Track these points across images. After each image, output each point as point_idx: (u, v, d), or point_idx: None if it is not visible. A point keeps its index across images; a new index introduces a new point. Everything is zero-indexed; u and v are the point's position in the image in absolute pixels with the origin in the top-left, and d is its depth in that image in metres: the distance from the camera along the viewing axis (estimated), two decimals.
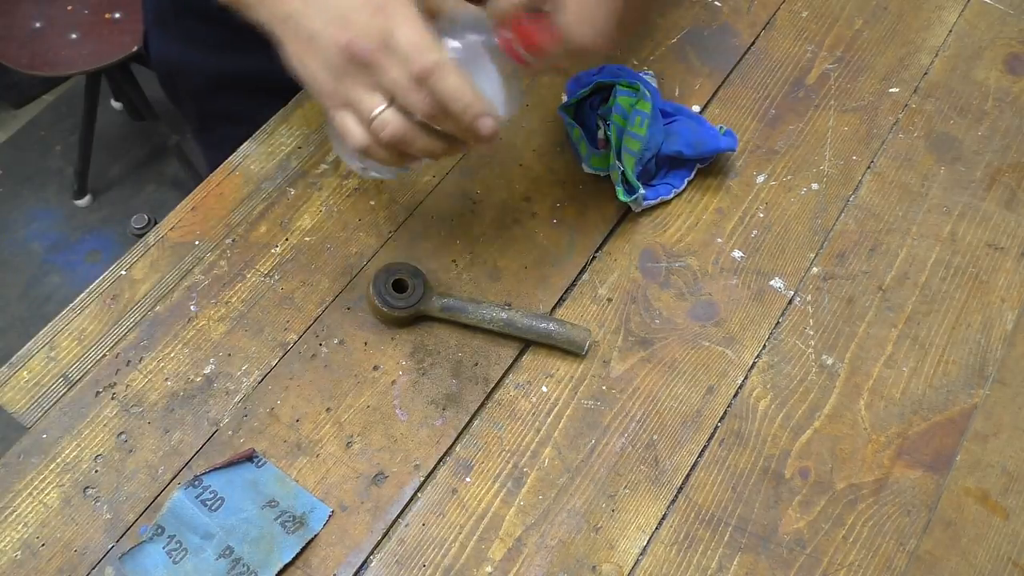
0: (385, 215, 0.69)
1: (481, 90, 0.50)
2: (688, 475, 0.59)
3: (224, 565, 0.55)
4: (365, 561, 0.56)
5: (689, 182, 0.70)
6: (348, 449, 0.59)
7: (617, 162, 0.66)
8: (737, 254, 0.67)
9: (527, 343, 0.63)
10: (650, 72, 0.75)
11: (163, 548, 0.56)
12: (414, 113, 0.50)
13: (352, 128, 0.52)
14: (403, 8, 0.50)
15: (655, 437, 0.60)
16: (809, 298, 0.65)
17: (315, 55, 0.51)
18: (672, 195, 0.69)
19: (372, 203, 0.70)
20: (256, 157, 0.72)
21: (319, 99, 0.53)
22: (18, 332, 1.67)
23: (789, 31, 0.80)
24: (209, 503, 0.57)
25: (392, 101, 0.50)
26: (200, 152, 0.99)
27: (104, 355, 0.63)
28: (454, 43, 0.53)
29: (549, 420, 0.61)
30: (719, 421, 0.61)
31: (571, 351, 0.62)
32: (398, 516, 0.57)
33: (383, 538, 0.57)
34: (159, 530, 0.56)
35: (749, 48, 0.79)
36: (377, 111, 0.50)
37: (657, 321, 0.64)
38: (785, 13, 0.81)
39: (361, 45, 0.49)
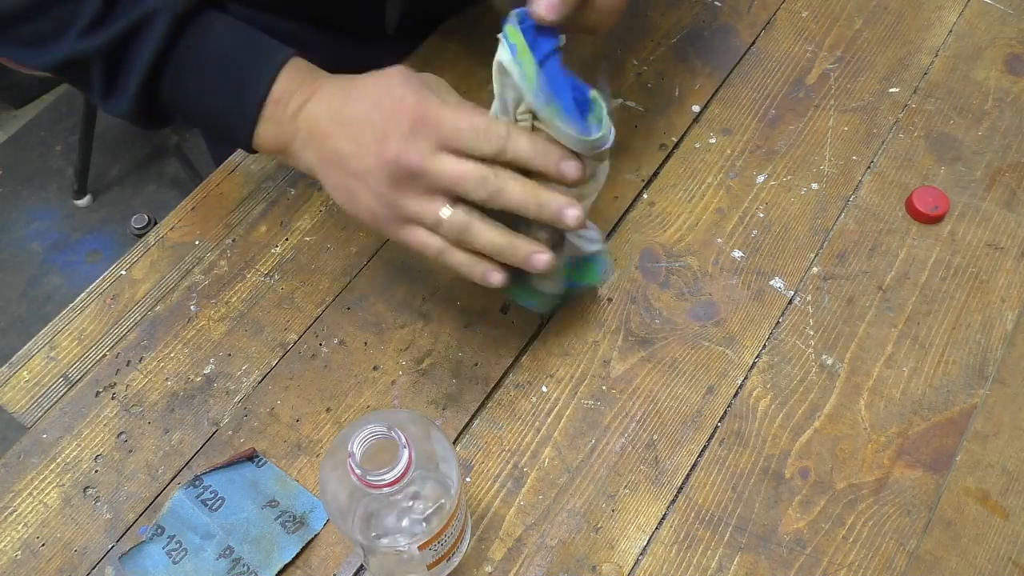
0: None
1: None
2: (688, 475, 0.59)
3: (224, 565, 0.55)
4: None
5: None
6: None
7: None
8: (737, 254, 0.67)
9: (529, 340, 0.63)
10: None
11: (163, 548, 0.56)
12: (482, 199, 0.50)
13: (425, 240, 0.52)
14: (440, 104, 0.50)
15: (655, 437, 0.60)
16: (809, 298, 0.65)
17: (365, 186, 0.51)
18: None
19: None
20: (256, 157, 0.72)
21: (381, 230, 0.54)
22: (18, 332, 1.67)
23: (789, 31, 0.80)
24: (209, 503, 0.57)
25: (455, 200, 0.50)
26: (206, 146, 0.99)
27: (104, 355, 0.63)
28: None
29: (549, 420, 0.61)
30: (719, 421, 0.61)
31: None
32: None
33: None
34: (159, 530, 0.56)
35: (749, 48, 0.79)
36: (445, 213, 0.50)
37: (657, 321, 0.64)
38: (785, 13, 0.81)
39: (409, 157, 0.49)
